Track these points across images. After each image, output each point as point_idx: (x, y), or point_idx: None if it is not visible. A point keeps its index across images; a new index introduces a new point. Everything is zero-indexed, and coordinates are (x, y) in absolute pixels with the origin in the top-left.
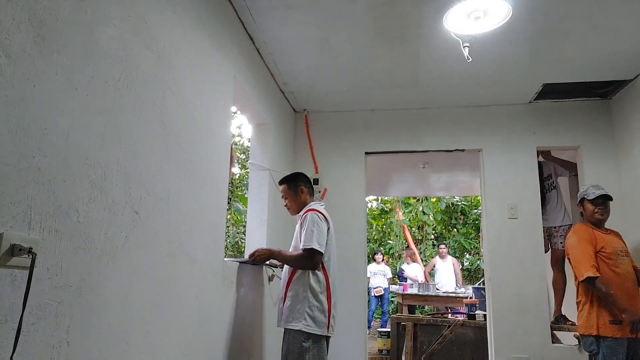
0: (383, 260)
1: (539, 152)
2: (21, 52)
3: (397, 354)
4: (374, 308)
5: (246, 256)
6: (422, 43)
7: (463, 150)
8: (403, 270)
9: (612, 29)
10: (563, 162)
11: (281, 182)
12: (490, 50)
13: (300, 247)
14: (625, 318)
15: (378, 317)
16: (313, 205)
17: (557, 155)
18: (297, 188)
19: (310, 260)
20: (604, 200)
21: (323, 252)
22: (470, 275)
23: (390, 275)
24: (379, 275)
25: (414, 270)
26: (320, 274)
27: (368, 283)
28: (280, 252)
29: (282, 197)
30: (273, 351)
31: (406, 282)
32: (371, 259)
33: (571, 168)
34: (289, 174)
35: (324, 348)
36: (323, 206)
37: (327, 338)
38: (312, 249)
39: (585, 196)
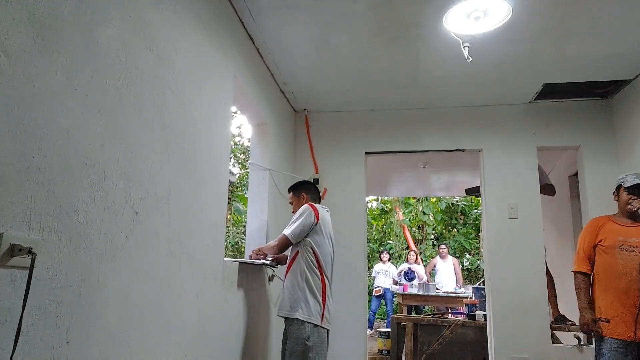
0: (390, 259)
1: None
2: (21, 52)
3: (397, 354)
4: (375, 308)
5: (247, 256)
6: (422, 43)
7: (463, 150)
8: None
9: (613, 29)
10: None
11: (288, 191)
12: (490, 50)
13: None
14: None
15: (379, 318)
16: (315, 204)
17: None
18: (300, 194)
19: (280, 243)
20: None
21: (293, 241)
22: (470, 275)
23: (394, 275)
24: (381, 274)
25: (418, 270)
26: (315, 268)
27: (373, 282)
28: (261, 246)
29: (289, 203)
30: (273, 350)
31: (412, 280)
32: (377, 258)
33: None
34: (296, 181)
35: (325, 344)
36: (328, 212)
37: (328, 332)
38: (283, 235)
39: (623, 183)
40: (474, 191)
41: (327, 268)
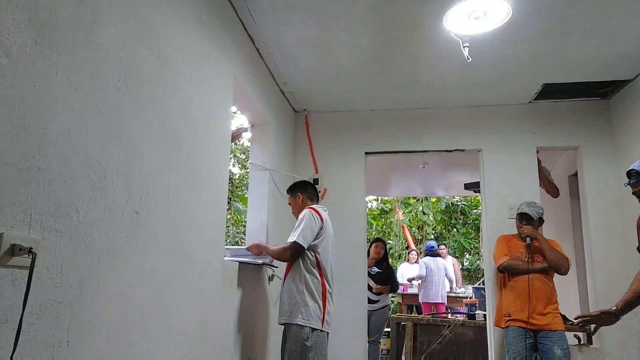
0: None
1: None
2: (21, 52)
3: (397, 354)
4: None
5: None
6: (422, 43)
7: (463, 150)
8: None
9: (612, 29)
10: (548, 181)
11: (287, 192)
12: (490, 50)
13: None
14: None
15: None
16: (313, 206)
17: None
18: (296, 195)
19: (289, 251)
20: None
21: (305, 246)
22: (470, 275)
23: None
24: None
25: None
26: (315, 270)
27: None
28: (267, 246)
29: (288, 204)
30: (273, 351)
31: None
32: None
33: (552, 191)
34: (292, 183)
35: (325, 344)
36: (326, 211)
37: (327, 335)
38: (294, 242)
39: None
40: (473, 186)
41: (327, 271)
